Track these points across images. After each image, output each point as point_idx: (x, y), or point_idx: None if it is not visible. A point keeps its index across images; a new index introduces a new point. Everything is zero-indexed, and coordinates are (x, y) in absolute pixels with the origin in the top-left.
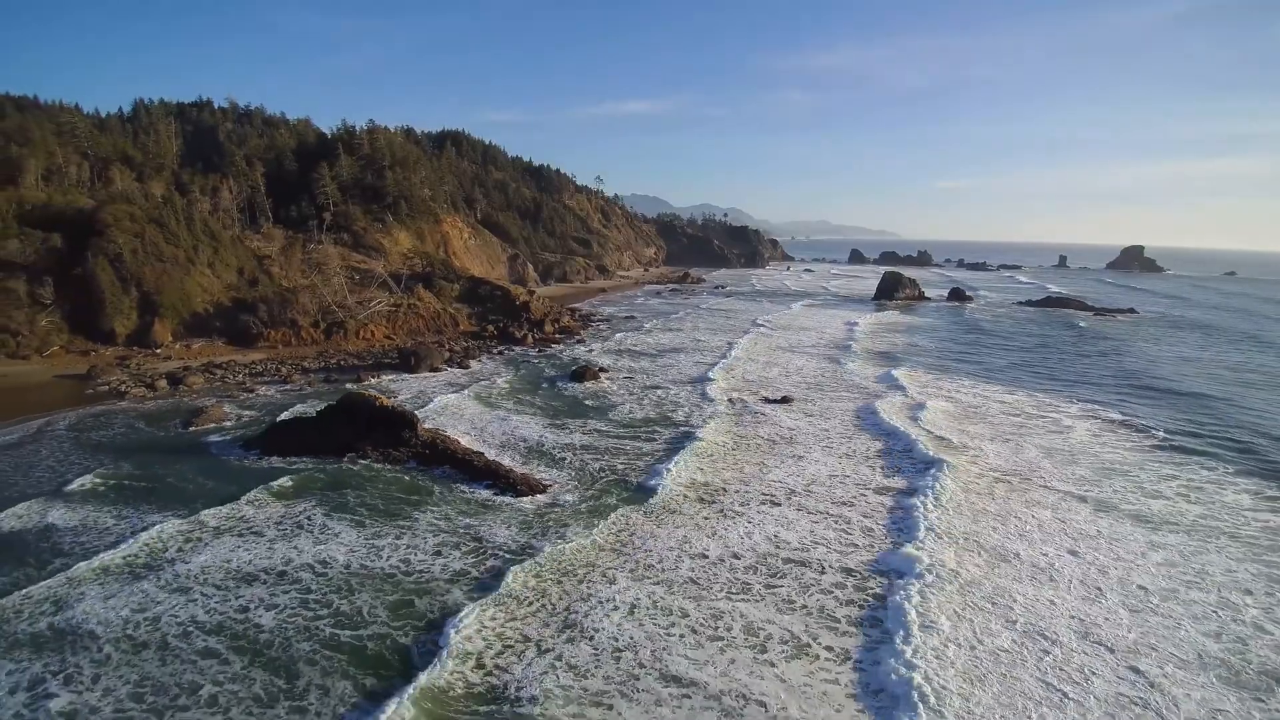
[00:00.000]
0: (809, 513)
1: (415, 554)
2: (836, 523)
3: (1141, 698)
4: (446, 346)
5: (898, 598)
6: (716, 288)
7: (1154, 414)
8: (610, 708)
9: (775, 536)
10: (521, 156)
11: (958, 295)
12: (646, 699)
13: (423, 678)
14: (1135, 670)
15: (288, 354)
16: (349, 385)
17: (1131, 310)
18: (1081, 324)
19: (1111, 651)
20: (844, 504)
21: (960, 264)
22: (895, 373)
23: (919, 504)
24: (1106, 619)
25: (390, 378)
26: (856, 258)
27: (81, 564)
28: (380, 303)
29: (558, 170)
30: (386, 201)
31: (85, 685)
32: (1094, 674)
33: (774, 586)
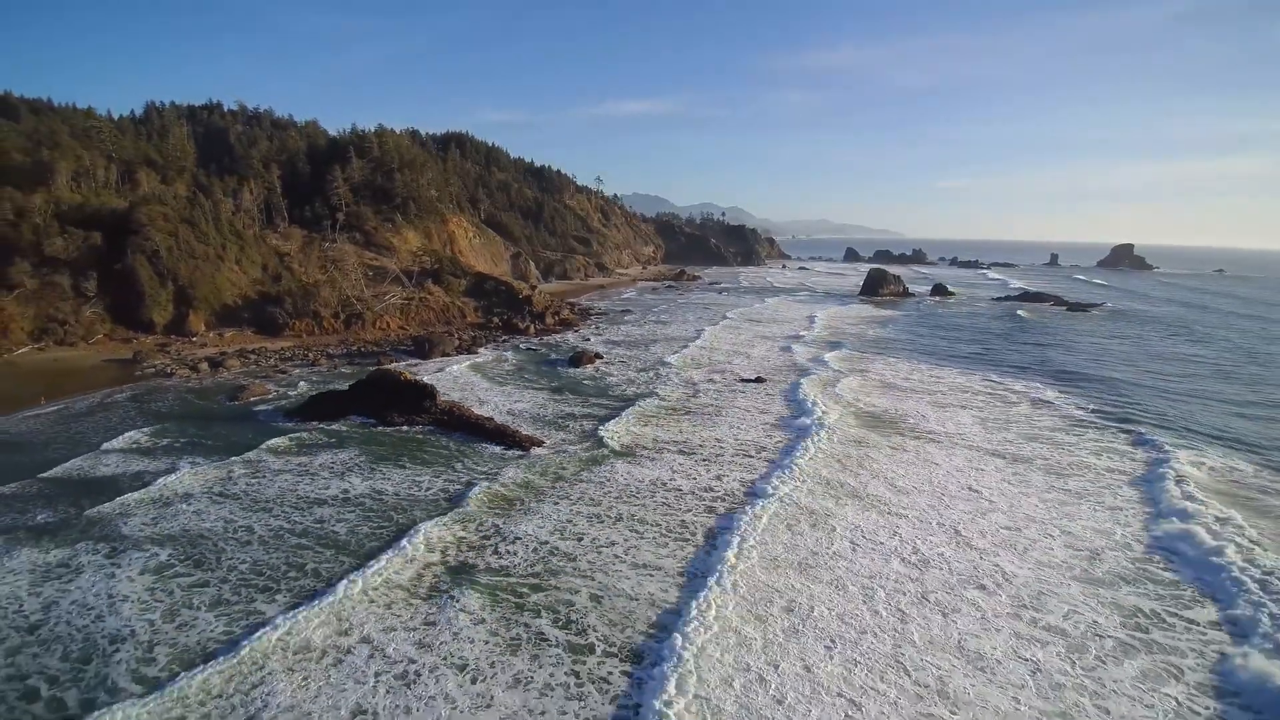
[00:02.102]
0: (716, 459)
1: (452, 485)
2: (725, 465)
3: (985, 579)
4: (456, 336)
5: (739, 515)
6: (710, 284)
7: (1085, 394)
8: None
9: (689, 473)
10: (523, 158)
11: (940, 291)
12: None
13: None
14: (994, 565)
15: (311, 342)
16: (370, 368)
17: (1103, 305)
18: (1025, 315)
19: (972, 549)
20: (742, 453)
21: (953, 262)
22: (831, 355)
23: (801, 448)
24: (981, 535)
25: (406, 363)
26: (851, 256)
27: (169, 486)
28: (394, 296)
29: (558, 171)
30: (395, 202)
31: (213, 565)
32: (939, 559)
33: (664, 500)
